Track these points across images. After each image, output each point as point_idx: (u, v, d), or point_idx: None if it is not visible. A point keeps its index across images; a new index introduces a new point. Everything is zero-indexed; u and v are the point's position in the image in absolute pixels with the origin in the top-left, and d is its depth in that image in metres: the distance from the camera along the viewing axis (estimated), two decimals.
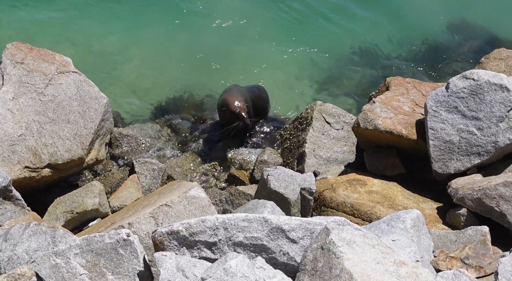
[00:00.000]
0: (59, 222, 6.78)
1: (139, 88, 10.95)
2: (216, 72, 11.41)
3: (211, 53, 11.83)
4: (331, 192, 6.97)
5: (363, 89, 11.35)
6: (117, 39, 11.94)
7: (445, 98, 6.93)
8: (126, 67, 11.35)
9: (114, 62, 11.42)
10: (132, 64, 11.47)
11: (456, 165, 6.77)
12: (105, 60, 11.40)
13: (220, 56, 11.82)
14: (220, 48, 12.00)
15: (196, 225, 4.58)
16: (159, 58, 11.67)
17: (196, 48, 11.93)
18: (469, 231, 5.75)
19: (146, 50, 11.81)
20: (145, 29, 12.25)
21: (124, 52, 11.70)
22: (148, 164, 8.07)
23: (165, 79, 11.20)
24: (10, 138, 7.04)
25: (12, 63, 7.53)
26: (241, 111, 8.45)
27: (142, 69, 11.40)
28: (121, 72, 11.22)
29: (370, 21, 13.06)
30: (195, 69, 11.46)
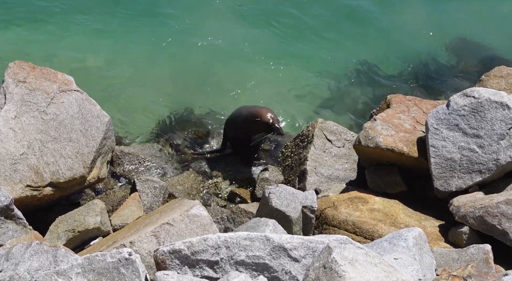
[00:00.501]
0: (60, 240, 6.77)
1: (139, 107, 10.97)
2: (214, 90, 11.45)
3: (207, 71, 11.88)
4: (333, 210, 6.96)
5: (364, 107, 11.37)
6: (113, 57, 11.99)
7: (446, 116, 6.94)
8: (124, 86, 11.37)
9: (113, 80, 11.46)
10: (131, 82, 11.50)
11: (457, 182, 6.77)
12: (103, 79, 11.44)
13: (217, 74, 11.88)
14: (216, 66, 12.06)
15: (198, 244, 4.57)
16: (156, 77, 11.71)
17: (192, 66, 11.96)
18: (471, 249, 5.74)
19: (142, 68, 11.84)
20: (140, 47, 12.29)
21: (121, 70, 11.73)
22: (149, 182, 8.07)
23: (164, 97, 11.23)
24: (12, 157, 7.04)
25: (15, 82, 7.56)
26: (274, 122, 8.50)
27: (141, 87, 11.42)
28: (120, 90, 11.25)
29: (370, 39, 13.11)
30: (192, 88, 11.49)
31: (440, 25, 13.55)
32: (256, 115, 8.61)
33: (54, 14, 12.73)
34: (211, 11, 13.29)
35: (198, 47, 12.39)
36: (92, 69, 11.59)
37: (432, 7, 14.09)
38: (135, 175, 8.70)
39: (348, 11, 13.81)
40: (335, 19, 13.58)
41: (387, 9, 13.88)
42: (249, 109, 8.87)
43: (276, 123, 8.49)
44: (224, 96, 11.26)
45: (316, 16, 13.56)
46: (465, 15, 13.90)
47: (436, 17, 13.80)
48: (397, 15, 13.71)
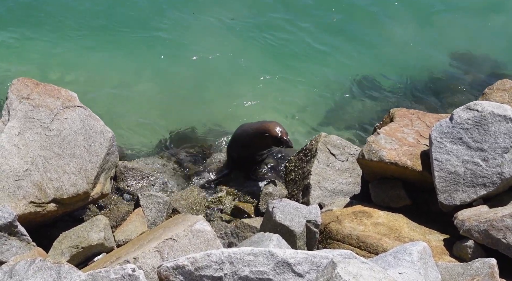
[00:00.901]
0: (64, 257, 6.75)
1: (141, 122, 11.01)
2: (213, 105, 11.52)
3: (205, 86, 11.97)
4: (337, 224, 6.93)
5: (367, 121, 11.38)
6: (113, 74, 12.07)
7: (450, 129, 6.94)
8: (126, 101, 11.44)
9: (114, 96, 11.52)
10: (132, 98, 11.57)
11: (462, 196, 6.75)
12: (106, 95, 11.50)
13: (215, 89, 11.95)
14: (215, 81, 12.13)
15: (202, 259, 4.56)
16: (156, 92, 11.79)
17: (189, 81, 12.05)
18: (476, 263, 5.70)
19: (140, 84, 11.93)
20: (137, 63, 12.38)
21: (121, 86, 11.82)
22: (153, 197, 8.06)
23: (165, 112, 11.29)
24: (16, 174, 7.05)
25: (18, 98, 7.59)
26: (283, 135, 8.50)
27: (142, 102, 11.49)
28: (124, 106, 11.30)
29: (372, 53, 13.15)
30: (192, 102, 11.54)
31: (442, 39, 13.59)
32: (265, 131, 8.60)
33: (46, 32, 12.84)
34: (205, 26, 13.38)
35: (194, 62, 12.47)
36: (91, 86, 11.63)
37: (434, 21, 14.15)
38: (139, 190, 8.70)
39: (347, 24, 13.87)
40: (333, 33, 13.64)
41: (388, 23, 13.93)
42: (255, 126, 8.85)
43: (285, 136, 8.50)
44: (224, 110, 11.32)
45: (312, 31, 13.61)
46: (468, 29, 13.95)
47: (438, 31, 13.83)
48: (399, 29, 13.76)
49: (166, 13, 13.58)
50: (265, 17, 13.86)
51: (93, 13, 13.38)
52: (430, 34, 13.68)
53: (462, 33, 13.77)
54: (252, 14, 13.88)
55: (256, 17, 13.82)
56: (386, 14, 14.14)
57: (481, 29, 13.91)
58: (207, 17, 13.60)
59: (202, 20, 13.53)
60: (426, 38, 13.59)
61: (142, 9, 13.64)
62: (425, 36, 13.63)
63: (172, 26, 13.29)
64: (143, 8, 13.69)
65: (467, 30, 13.82)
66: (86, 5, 13.51)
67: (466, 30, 13.82)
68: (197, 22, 13.44)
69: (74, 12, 13.31)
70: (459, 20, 14.11)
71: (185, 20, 13.49)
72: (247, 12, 13.87)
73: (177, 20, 13.47)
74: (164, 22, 13.37)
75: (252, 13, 13.91)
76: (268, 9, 14.05)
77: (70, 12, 13.30)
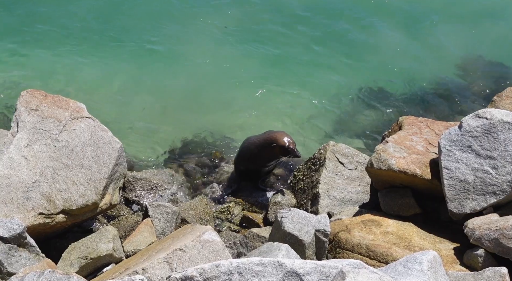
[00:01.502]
0: (73, 268, 6.75)
1: (149, 132, 11.03)
2: (220, 115, 11.49)
3: (211, 96, 11.96)
4: (346, 233, 6.91)
5: (375, 129, 11.34)
6: (120, 84, 12.12)
7: (459, 137, 6.91)
8: (132, 112, 11.48)
9: (119, 107, 11.56)
10: (138, 108, 11.60)
11: (471, 204, 6.71)
12: (110, 106, 11.54)
13: (222, 99, 11.93)
14: (223, 90, 12.13)
15: (210, 270, 4.54)
16: (162, 102, 11.80)
17: (194, 91, 12.06)
18: (487, 272, 5.66)
19: (147, 94, 11.94)
20: (145, 73, 12.41)
21: (127, 97, 11.85)
22: (161, 207, 8.06)
23: (173, 122, 11.29)
24: (25, 185, 7.08)
25: (27, 110, 7.62)
26: (290, 144, 8.47)
27: (149, 113, 11.50)
28: (128, 116, 11.33)
29: (379, 61, 13.12)
30: (199, 112, 11.53)
31: (450, 47, 13.56)
32: (272, 141, 8.57)
33: (47, 44, 12.94)
34: (207, 35, 13.43)
35: (197, 71, 12.50)
36: (94, 97, 11.66)
37: (440, 28, 14.11)
38: (147, 200, 8.70)
39: (352, 33, 13.88)
40: (338, 41, 13.63)
41: (394, 32, 13.92)
42: (262, 137, 8.81)
43: (292, 146, 8.47)
44: (231, 120, 11.32)
45: (316, 39, 13.62)
46: (475, 35, 13.92)
47: (445, 39, 13.80)
48: (406, 38, 13.75)
49: (165, 23, 13.65)
50: (267, 25, 13.89)
51: (92, 24, 13.49)
52: (437, 42, 13.65)
53: (470, 40, 13.74)
54: (253, 22, 13.92)
55: (258, 25, 13.86)
56: (391, 23, 14.12)
57: (488, 36, 13.88)
58: (208, 27, 13.65)
59: (204, 30, 13.58)
60: (433, 46, 13.57)
61: (141, 19, 13.72)
62: (432, 44, 13.60)
63: (171, 36, 13.32)
64: (142, 18, 13.76)
65: (474, 37, 13.79)
66: (85, 17, 13.61)
67: (474, 37, 13.79)
68: (199, 31, 13.49)
69: (74, 24, 13.43)
70: (466, 27, 14.08)
71: (185, 30, 13.54)
72: (248, 20, 13.91)
73: (177, 30, 13.52)
74: (164, 32, 13.41)
75: (254, 22, 13.95)
76: (270, 17, 14.10)
77: (71, 24, 13.41)
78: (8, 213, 6.84)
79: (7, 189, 7.01)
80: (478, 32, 14.03)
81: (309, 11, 14.34)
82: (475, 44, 13.67)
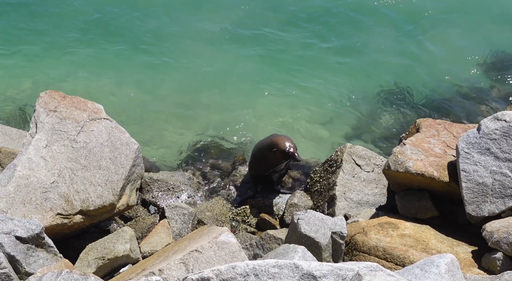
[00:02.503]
0: (90, 268, 6.79)
1: (167, 134, 11.09)
2: (239, 117, 11.52)
3: (223, 100, 12.02)
4: (363, 235, 6.88)
5: (393, 131, 11.30)
6: (138, 86, 12.22)
7: (477, 140, 6.86)
8: (152, 114, 11.54)
9: (140, 108, 11.63)
10: (157, 110, 11.66)
11: (490, 207, 6.65)
12: (130, 107, 11.61)
13: (242, 101, 11.99)
14: (239, 93, 12.18)
15: (227, 272, 4.54)
16: (176, 103, 11.88)
17: (211, 94, 12.14)
18: (505, 276, 5.61)
19: (167, 95, 12.04)
20: (161, 76, 12.51)
21: (147, 98, 11.93)
22: (178, 208, 8.08)
23: (188, 123, 11.35)
24: (43, 186, 7.13)
25: (46, 111, 7.68)
26: (290, 148, 8.45)
27: (166, 115, 11.57)
28: (149, 118, 11.39)
29: (396, 63, 13.08)
30: (216, 115, 11.59)
31: (468, 49, 13.47)
32: (273, 145, 8.54)
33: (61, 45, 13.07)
34: (217, 37, 13.49)
35: (210, 73, 12.57)
36: (108, 99, 11.76)
37: (461, 28, 14.02)
38: (164, 201, 8.73)
39: (370, 35, 13.85)
40: (356, 44, 13.61)
41: (413, 32, 13.86)
42: (265, 141, 8.81)
43: (292, 150, 8.41)
44: (249, 122, 11.34)
45: (334, 42, 13.60)
46: (496, 36, 13.81)
47: (463, 41, 13.71)
48: (422, 40, 13.68)
49: (171, 25, 13.76)
50: (274, 26, 13.92)
51: (108, 29, 13.66)
52: (455, 43, 13.57)
53: (489, 41, 13.64)
54: (259, 23, 13.95)
55: (266, 27, 13.88)
56: (407, 25, 14.08)
57: (506, 37, 13.76)
58: (217, 29, 13.71)
59: (217, 33, 13.65)
60: (451, 47, 13.49)
61: (145, 23, 13.85)
62: (450, 46, 13.52)
63: (181, 42, 13.42)
64: (145, 21, 13.89)
65: (494, 38, 13.68)
66: (102, 21, 13.74)
67: (493, 38, 13.69)
68: (212, 33, 13.56)
69: (93, 27, 13.57)
70: (485, 28, 13.98)
71: (197, 31, 13.62)
72: (254, 21, 13.94)
73: (184, 32, 13.62)
74: (182, 39, 13.51)
75: (260, 22, 13.98)
76: (275, 17, 14.13)
77: (89, 28, 13.58)
78: (27, 213, 6.90)
79: (26, 189, 7.07)
80: (497, 33, 13.92)
81: (316, 12, 14.33)
82: (494, 45, 13.57)
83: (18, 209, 6.91)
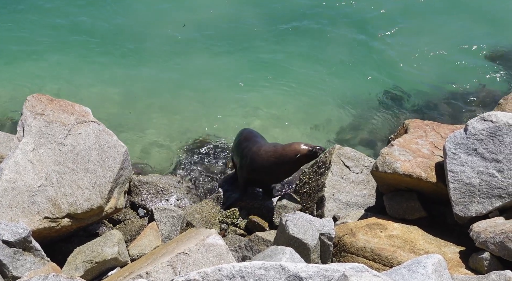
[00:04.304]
0: (78, 272, 6.77)
1: (156, 137, 11.08)
2: (228, 119, 11.52)
3: (219, 100, 12.01)
4: (351, 237, 6.89)
5: (381, 132, 11.33)
6: (125, 89, 12.21)
7: (464, 140, 6.88)
8: (139, 116, 11.53)
9: (127, 111, 11.60)
10: (147, 112, 11.65)
11: (477, 207, 6.67)
12: (118, 110, 11.59)
13: (230, 103, 11.99)
14: (229, 94, 12.18)
15: (213, 274, 4.53)
16: (169, 107, 11.86)
17: (202, 96, 12.15)
18: (492, 276, 5.62)
19: (155, 98, 12.03)
20: (148, 79, 12.51)
21: (135, 101, 11.91)
22: (167, 211, 8.07)
23: (180, 128, 11.34)
24: (30, 189, 7.10)
25: (33, 114, 7.65)
26: (312, 148, 8.45)
27: (156, 118, 11.56)
28: (136, 121, 11.38)
29: (384, 65, 13.12)
30: (206, 117, 11.58)
31: (455, 50, 13.52)
32: (295, 153, 8.36)
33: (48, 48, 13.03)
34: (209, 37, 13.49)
35: (196, 77, 12.54)
36: (104, 101, 11.73)
37: (448, 29, 14.07)
38: (153, 204, 8.71)
39: (359, 37, 13.88)
40: (345, 45, 13.63)
41: (400, 36, 13.90)
42: (278, 153, 8.54)
43: (314, 148, 8.46)
44: (236, 124, 11.32)
45: (322, 44, 13.63)
46: (484, 37, 13.86)
47: (453, 40, 13.76)
48: (412, 41, 13.72)
49: (164, 27, 13.74)
50: (272, 30, 13.92)
51: (95, 29, 13.65)
52: (442, 45, 13.61)
53: (475, 43, 13.68)
54: (246, 24, 13.98)
55: (254, 26, 13.91)
56: (395, 26, 14.11)
57: (496, 38, 13.82)
58: (202, 28, 13.73)
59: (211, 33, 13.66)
60: (438, 49, 13.53)
61: (136, 23, 13.82)
62: (438, 47, 13.56)
63: (174, 42, 13.43)
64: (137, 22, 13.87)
65: (480, 40, 13.73)
66: (89, 23, 13.73)
67: (479, 40, 13.74)
68: (200, 34, 13.57)
69: (80, 28, 13.58)
70: (471, 30, 14.03)
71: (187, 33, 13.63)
72: (255, 28, 13.95)
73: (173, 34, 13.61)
74: (167, 38, 13.51)
75: (256, 20, 14.00)
76: (277, 18, 14.14)
77: (75, 29, 13.56)
78: (14, 217, 6.87)
79: (13, 193, 7.04)
80: (485, 34, 13.98)
81: (311, 12, 14.36)
82: (482, 46, 13.62)
83: (5, 213, 6.88)
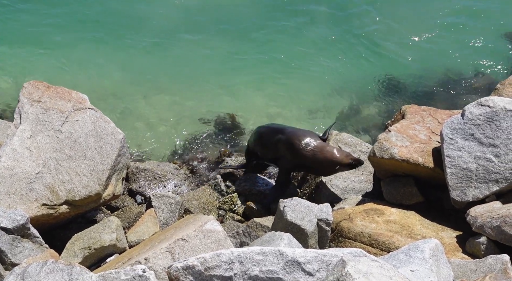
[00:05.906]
0: (77, 258, 6.79)
1: (153, 124, 11.06)
2: (228, 106, 11.50)
3: (218, 88, 11.99)
4: (349, 222, 6.91)
5: (378, 118, 11.33)
6: (123, 76, 12.17)
7: (461, 125, 6.89)
8: (137, 103, 11.51)
9: (125, 98, 11.59)
10: (142, 100, 11.63)
11: (474, 192, 6.70)
12: (115, 96, 11.57)
13: (230, 91, 11.96)
14: (228, 83, 12.16)
15: (211, 260, 4.56)
16: (167, 94, 11.83)
17: (203, 85, 12.10)
18: (489, 260, 5.66)
19: (153, 86, 12.00)
20: (146, 66, 12.45)
21: (132, 88, 11.89)
22: (165, 197, 8.07)
23: (178, 114, 11.32)
24: (28, 176, 7.10)
25: (30, 101, 7.64)
26: (352, 160, 7.88)
27: (153, 104, 11.54)
28: (134, 108, 11.36)
29: (383, 52, 13.10)
30: (206, 106, 11.55)
31: (453, 36, 13.49)
32: (335, 164, 7.93)
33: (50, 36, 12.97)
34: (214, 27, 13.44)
35: (194, 65, 12.51)
36: (111, 88, 11.71)
37: (444, 19, 14.03)
38: (151, 191, 8.72)
39: (357, 25, 13.85)
40: (342, 33, 13.60)
41: (398, 23, 13.88)
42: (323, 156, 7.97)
43: (354, 161, 7.91)
44: (237, 111, 11.32)
45: (320, 31, 13.59)
46: (483, 26, 13.83)
47: (452, 28, 13.74)
48: (409, 29, 13.69)
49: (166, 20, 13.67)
50: (270, 16, 13.88)
51: (93, 18, 13.56)
52: (440, 32, 13.58)
53: (472, 30, 13.66)
54: (256, 14, 13.93)
55: (253, 18, 13.87)
56: (395, 14, 14.07)
57: (491, 26, 13.80)
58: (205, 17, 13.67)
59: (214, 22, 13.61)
60: (436, 35, 13.50)
61: (139, 15, 13.73)
62: (435, 34, 13.54)
63: (176, 30, 13.36)
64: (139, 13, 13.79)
65: (477, 27, 13.71)
66: (85, 11, 13.66)
67: (476, 27, 13.71)
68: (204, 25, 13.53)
69: (75, 17, 13.51)
70: (468, 17, 14.01)
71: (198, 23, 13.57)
72: (252, 13, 13.91)
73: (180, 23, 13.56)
74: (168, 27, 13.43)
75: (256, 13, 13.95)
76: (274, 9, 14.09)
77: (71, 18, 13.49)
78: (12, 204, 6.87)
79: (11, 180, 7.03)
80: (482, 21, 13.95)
81: (312, 2, 14.32)
82: (479, 33, 13.59)
83: (3, 200, 6.87)
